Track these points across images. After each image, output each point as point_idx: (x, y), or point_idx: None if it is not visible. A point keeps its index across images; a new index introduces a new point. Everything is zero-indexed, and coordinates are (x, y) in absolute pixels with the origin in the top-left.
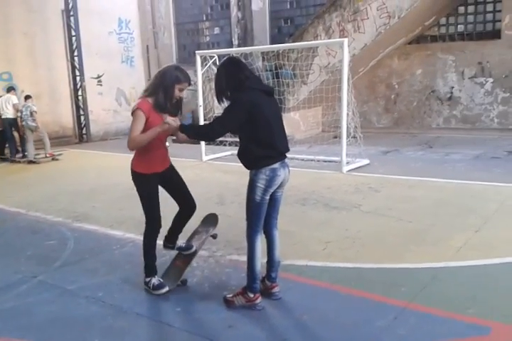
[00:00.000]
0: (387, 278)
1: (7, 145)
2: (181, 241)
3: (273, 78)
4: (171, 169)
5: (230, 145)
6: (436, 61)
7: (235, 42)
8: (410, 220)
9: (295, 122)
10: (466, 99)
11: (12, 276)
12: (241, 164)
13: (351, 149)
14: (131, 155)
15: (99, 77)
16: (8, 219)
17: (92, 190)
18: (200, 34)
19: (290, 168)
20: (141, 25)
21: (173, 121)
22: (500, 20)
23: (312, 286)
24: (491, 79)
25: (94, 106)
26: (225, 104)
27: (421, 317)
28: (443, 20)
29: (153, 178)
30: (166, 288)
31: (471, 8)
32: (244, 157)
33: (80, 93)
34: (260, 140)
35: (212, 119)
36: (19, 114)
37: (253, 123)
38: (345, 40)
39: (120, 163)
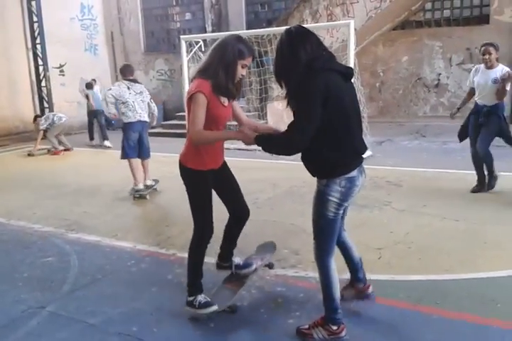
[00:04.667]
0: (472, 291)
1: None
2: (238, 258)
3: (257, 67)
4: (225, 166)
5: None
6: (423, 47)
7: (209, 28)
8: (456, 218)
9: (278, 113)
10: (453, 86)
11: (13, 308)
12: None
13: None
14: (103, 152)
15: (61, 66)
16: None
17: (77, 192)
18: (169, 20)
19: (299, 162)
20: (105, 11)
21: (250, 131)
22: (488, 5)
23: (391, 308)
24: None
25: (56, 98)
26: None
27: None
28: (428, 5)
29: (209, 175)
30: (215, 307)
31: None
32: (312, 162)
33: (43, 84)
34: (335, 139)
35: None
36: None
37: (328, 118)
38: (352, 21)
39: (96, 160)
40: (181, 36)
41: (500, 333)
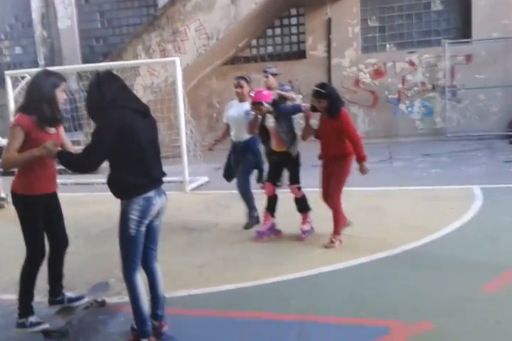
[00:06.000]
0: (272, 293)
1: None
2: (70, 293)
3: None
4: (55, 196)
5: None
6: (251, 80)
7: (41, 62)
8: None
9: None
10: None
11: None
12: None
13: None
14: None
15: None
16: None
17: None
18: None
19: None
20: None
21: (52, 146)
22: (304, 42)
23: (202, 317)
24: (300, 96)
25: None
26: None
27: (322, 328)
28: (254, 42)
29: (39, 201)
30: (47, 325)
31: (278, 31)
32: (113, 186)
33: None
34: (131, 166)
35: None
36: None
37: (122, 147)
38: (178, 58)
39: None
40: (6, 71)
41: (292, 326)
